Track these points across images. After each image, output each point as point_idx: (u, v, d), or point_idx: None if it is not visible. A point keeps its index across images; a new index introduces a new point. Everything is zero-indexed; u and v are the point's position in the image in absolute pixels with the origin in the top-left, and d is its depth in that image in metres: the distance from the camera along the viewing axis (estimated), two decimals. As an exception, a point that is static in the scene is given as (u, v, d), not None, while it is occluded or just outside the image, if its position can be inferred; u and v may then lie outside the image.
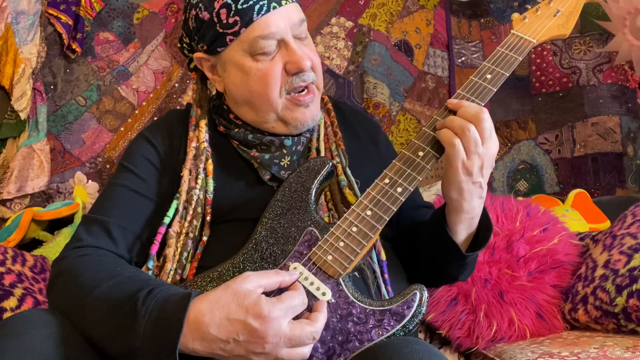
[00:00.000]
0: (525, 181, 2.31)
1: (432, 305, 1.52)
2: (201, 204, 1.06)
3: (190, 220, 1.04)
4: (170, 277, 1.00)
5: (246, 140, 1.10)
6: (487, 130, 0.91)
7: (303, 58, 1.03)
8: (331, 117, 1.17)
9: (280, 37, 1.03)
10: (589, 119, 2.27)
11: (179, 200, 1.05)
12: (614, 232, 1.50)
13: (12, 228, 1.79)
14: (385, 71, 2.36)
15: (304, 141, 1.12)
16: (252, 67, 1.04)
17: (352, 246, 0.90)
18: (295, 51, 1.03)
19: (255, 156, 1.09)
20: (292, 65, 1.04)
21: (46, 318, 0.86)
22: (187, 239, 1.03)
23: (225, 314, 0.79)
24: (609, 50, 2.23)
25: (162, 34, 2.28)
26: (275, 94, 1.05)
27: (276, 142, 1.09)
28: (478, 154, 0.91)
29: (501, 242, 1.56)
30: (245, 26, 1.02)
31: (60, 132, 2.17)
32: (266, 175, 1.08)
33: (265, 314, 0.78)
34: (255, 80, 1.05)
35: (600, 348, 1.20)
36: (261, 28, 1.02)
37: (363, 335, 0.84)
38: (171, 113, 1.22)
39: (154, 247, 1.02)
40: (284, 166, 1.09)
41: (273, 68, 1.04)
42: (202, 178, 1.07)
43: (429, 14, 2.44)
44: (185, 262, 1.02)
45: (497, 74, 1.00)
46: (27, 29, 2.08)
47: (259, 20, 1.02)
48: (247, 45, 1.03)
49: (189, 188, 1.06)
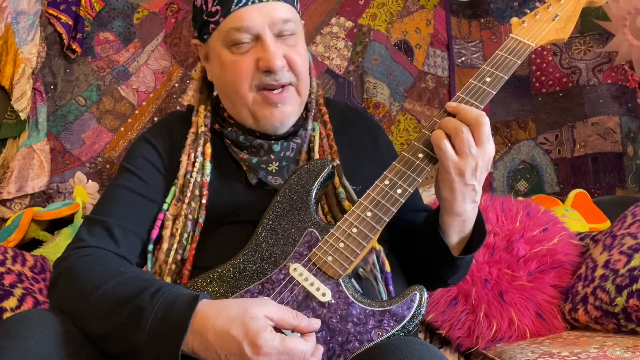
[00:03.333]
0: (525, 181, 2.31)
1: (432, 305, 1.52)
2: (198, 186, 1.06)
3: (189, 202, 1.05)
4: (171, 257, 1.02)
5: (237, 142, 1.11)
6: (485, 134, 0.91)
7: (274, 57, 1.02)
8: (327, 130, 1.14)
9: (255, 31, 1.03)
10: (589, 119, 2.27)
11: (176, 184, 1.07)
12: (614, 232, 1.50)
13: (12, 228, 1.79)
14: (385, 71, 2.36)
15: (294, 147, 1.11)
16: (227, 58, 1.05)
17: (352, 247, 0.90)
18: (268, 49, 1.03)
19: (244, 158, 1.09)
20: (262, 62, 1.03)
21: (46, 318, 0.86)
22: (187, 220, 1.04)
23: (228, 327, 0.79)
24: (609, 50, 2.23)
25: (162, 34, 2.28)
26: (245, 88, 1.05)
27: (265, 146, 1.09)
28: (472, 155, 0.91)
29: (501, 242, 1.56)
30: (224, 16, 1.03)
31: (60, 132, 2.17)
32: (254, 179, 1.08)
33: (259, 344, 0.77)
34: (229, 72, 1.06)
35: (600, 348, 1.20)
36: (235, 20, 1.03)
37: (363, 335, 0.84)
38: (172, 114, 1.22)
39: (154, 231, 1.04)
40: (272, 171, 1.08)
41: (244, 62, 1.04)
42: (199, 161, 1.08)
43: (429, 14, 2.44)
44: (185, 242, 1.03)
45: (496, 77, 1.00)
46: (27, 29, 2.08)
47: (236, 11, 1.03)
48: (224, 36, 1.04)
49: (186, 172, 1.07)
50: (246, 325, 0.79)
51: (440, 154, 0.91)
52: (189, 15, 2.28)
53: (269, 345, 0.78)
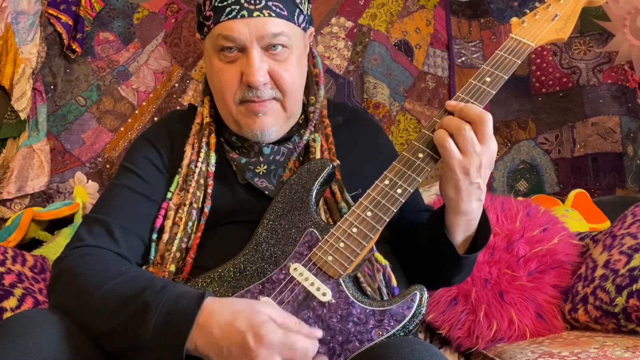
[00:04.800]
0: (525, 181, 2.31)
1: (432, 305, 1.52)
2: (203, 176, 1.07)
3: (193, 191, 1.05)
4: (175, 245, 1.02)
5: (230, 141, 1.11)
6: (488, 131, 0.91)
7: (256, 73, 1.01)
8: (329, 143, 1.13)
9: (241, 44, 1.03)
10: (589, 119, 2.27)
11: (180, 173, 1.07)
12: (614, 232, 1.51)
13: (12, 228, 1.79)
14: (385, 71, 2.36)
15: (285, 152, 1.11)
16: (216, 64, 1.06)
17: (352, 247, 0.90)
18: (251, 63, 1.02)
19: (234, 158, 1.10)
20: (245, 77, 1.03)
21: (46, 318, 0.86)
22: (192, 209, 1.04)
23: (232, 320, 0.80)
24: (609, 50, 2.23)
25: (162, 34, 2.28)
26: (229, 98, 1.06)
27: (255, 148, 1.09)
28: (476, 152, 0.91)
29: (501, 242, 1.56)
30: (215, 23, 1.04)
31: (60, 132, 2.17)
32: (242, 180, 1.09)
33: (263, 334, 0.78)
34: (216, 77, 1.07)
35: (600, 348, 1.20)
36: (224, 29, 1.03)
37: (363, 335, 0.85)
38: (172, 114, 1.23)
39: (158, 220, 1.05)
40: (259, 173, 1.08)
41: (229, 72, 1.04)
42: (204, 151, 1.08)
43: (429, 14, 2.44)
44: (190, 231, 1.04)
45: (496, 77, 1.00)
46: (27, 29, 2.08)
47: (225, 22, 1.03)
48: (214, 40, 1.05)
49: (190, 161, 1.08)
50: (250, 318, 0.80)
51: (445, 153, 0.91)
52: (189, 15, 2.28)
53: (272, 337, 0.78)
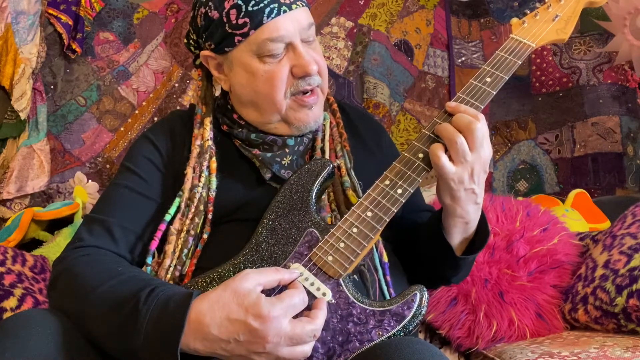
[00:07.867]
0: (525, 181, 2.31)
1: (432, 305, 1.52)
2: (204, 202, 1.06)
3: (192, 217, 1.05)
4: (170, 273, 1.01)
5: (249, 140, 1.11)
6: (478, 139, 0.91)
7: (310, 62, 1.04)
8: (337, 118, 1.18)
9: (288, 40, 1.04)
10: (589, 119, 2.27)
11: (182, 197, 1.06)
12: (614, 232, 1.51)
13: (12, 228, 1.79)
14: (385, 71, 2.36)
15: (306, 142, 1.13)
16: (259, 68, 1.05)
17: (353, 247, 0.90)
18: (303, 55, 1.04)
19: (257, 154, 1.10)
20: (299, 69, 1.04)
21: (46, 318, 0.86)
22: (188, 236, 1.04)
23: (226, 314, 0.79)
24: (609, 50, 2.23)
25: (162, 34, 2.28)
26: (281, 96, 1.06)
27: (279, 142, 1.10)
28: (467, 162, 0.92)
29: (501, 242, 1.56)
30: (255, 28, 1.03)
31: (60, 132, 2.17)
32: (267, 173, 1.09)
33: (265, 314, 0.78)
34: (262, 81, 1.05)
35: (600, 348, 1.20)
36: (270, 31, 1.02)
37: (363, 335, 0.84)
38: (173, 114, 1.22)
39: (154, 243, 1.03)
40: (285, 165, 1.09)
41: (280, 70, 1.05)
42: (205, 176, 1.08)
43: (429, 14, 2.44)
44: (185, 258, 1.03)
45: (496, 77, 1.01)
46: (27, 29, 2.08)
47: (268, 23, 1.02)
48: (255, 47, 1.04)
49: (192, 186, 1.07)
50: (242, 304, 0.79)
51: (438, 169, 0.92)
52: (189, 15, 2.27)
53: (272, 309, 0.79)
